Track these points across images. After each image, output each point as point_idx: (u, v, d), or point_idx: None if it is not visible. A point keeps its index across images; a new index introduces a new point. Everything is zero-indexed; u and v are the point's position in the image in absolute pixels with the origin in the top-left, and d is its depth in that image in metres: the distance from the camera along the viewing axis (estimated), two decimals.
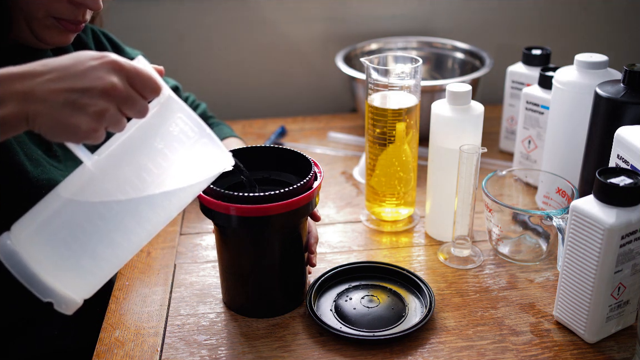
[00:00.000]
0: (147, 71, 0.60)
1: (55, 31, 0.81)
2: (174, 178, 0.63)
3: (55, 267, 0.61)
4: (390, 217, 0.99)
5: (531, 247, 0.91)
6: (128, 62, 0.59)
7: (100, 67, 0.58)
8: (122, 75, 0.59)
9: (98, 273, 0.64)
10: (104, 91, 0.57)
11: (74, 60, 0.58)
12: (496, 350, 0.74)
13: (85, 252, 0.62)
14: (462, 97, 0.87)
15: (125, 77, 0.59)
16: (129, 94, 0.59)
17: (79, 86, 0.57)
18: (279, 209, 0.72)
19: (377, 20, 1.45)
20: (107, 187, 0.62)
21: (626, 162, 0.77)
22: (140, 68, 0.60)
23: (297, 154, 0.82)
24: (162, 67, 0.64)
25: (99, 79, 0.57)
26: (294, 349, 0.75)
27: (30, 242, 0.61)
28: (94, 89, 0.57)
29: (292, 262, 0.80)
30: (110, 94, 0.58)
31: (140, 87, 0.60)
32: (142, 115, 0.61)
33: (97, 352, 0.75)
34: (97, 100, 0.57)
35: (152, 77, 0.60)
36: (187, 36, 1.41)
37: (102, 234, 0.62)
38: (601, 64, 0.94)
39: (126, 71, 0.59)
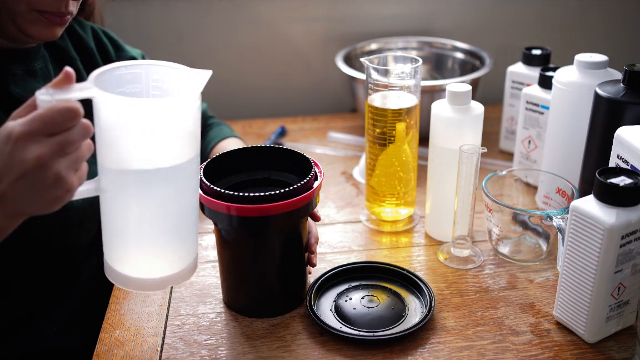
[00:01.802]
0: (51, 111, 0.55)
1: (41, 25, 0.79)
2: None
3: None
4: (390, 217, 0.99)
5: (531, 247, 0.91)
6: (30, 120, 0.55)
7: (15, 148, 0.55)
8: (36, 135, 0.55)
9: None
10: (38, 165, 0.55)
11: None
12: (496, 350, 0.74)
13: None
14: (462, 97, 0.87)
15: (40, 131, 0.55)
16: (61, 146, 0.56)
17: (19, 175, 0.55)
18: (279, 209, 0.72)
19: (377, 20, 1.45)
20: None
21: (626, 162, 0.77)
22: (42, 113, 0.55)
23: (297, 154, 0.82)
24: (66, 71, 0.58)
25: (22, 161, 0.55)
26: (294, 349, 0.75)
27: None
28: (29, 169, 0.55)
29: (292, 262, 0.80)
30: (43, 160, 0.55)
31: (60, 127, 0.56)
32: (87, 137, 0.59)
33: (97, 352, 0.75)
34: (41, 173, 0.55)
35: (60, 113, 0.55)
36: (187, 36, 1.41)
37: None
38: (601, 64, 0.94)
39: (35, 129, 0.55)
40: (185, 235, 0.69)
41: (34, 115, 0.55)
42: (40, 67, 0.86)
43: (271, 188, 0.76)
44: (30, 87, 0.84)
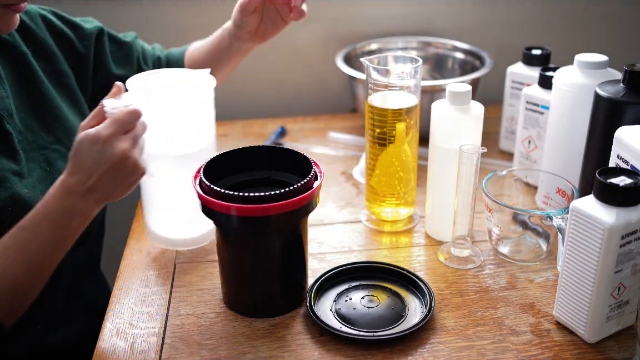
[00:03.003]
0: (123, 114, 0.72)
1: (7, 18, 0.79)
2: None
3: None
4: (390, 217, 0.99)
5: (531, 247, 0.91)
6: (110, 124, 0.71)
7: (105, 147, 0.70)
8: (118, 134, 0.71)
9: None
10: (124, 157, 0.71)
11: (87, 156, 0.71)
12: (496, 350, 0.74)
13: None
14: (462, 97, 0.87)
15: (119, 131, 0.71)
16: (134, 139, 0.73)
17: (109, 167, 0.71)
18: (279, 209, 0.72)
19: (377, 20, 1.45)
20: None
21: (626, 162, 0.77)
22: (118, 117, 0.71)
23: (297, 154, 0.82)
24: (117, 85, 0.77)
25: (114, 156, 0.70)
26: (294, 349, 0.75)
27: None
28: (118, 161, 0.71)
29: (292, 262, 0.80)
30: (127, 153, 0.71)
31: (131, 126, 0.72)
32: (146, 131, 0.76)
33: (97, 352, 0.75)
34: (126, 163, 0.71)
35: (130, 115, 0.72)
36: (186, 36, 1.41)
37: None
38: (601, 64, 0.94)
39: (116, 129, 0.71)
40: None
41: (111, 120, 0.71)
42: None
43: (271, 188, 0.76)
44: None
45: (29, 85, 0.90)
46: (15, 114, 0.86)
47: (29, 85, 0.90)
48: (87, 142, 0.70)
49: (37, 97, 0.90)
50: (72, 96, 0.96)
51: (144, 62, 1.10)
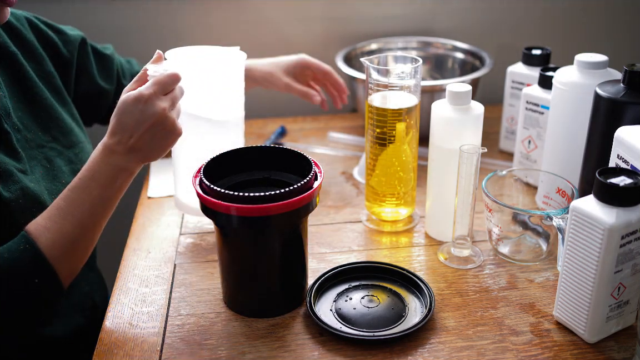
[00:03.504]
0: (164, 77, 0.77)
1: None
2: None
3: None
4: (390, 217, 0.99)
5: (531, 247, 0.91)
6: (152, 85, 0.76)
7: (147, 105, 0.75)
8: (158, 94, 0.76)
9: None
10: (164, 115, 0.76)
11: (130, 114, 0.75)
12: (496, 350, 0.74)
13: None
14: (462, 97, 0.87)
15: (160, 92, 0.76)
16: (173, 100, 0.78)
17: (150, 125, 0.76)
18: (279, 209, 0.72)
19: (377, 20, 1.45)
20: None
21: (626, 162, 0.77)
22: (160, 79, 0.77)
23: (297, 154, 0.82)
24: (158, 53, 0.82)
25: (155, 114, 0.75)
26: (294, 349, 0.75)
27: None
28: (159, 120, 0.76)
29: (292, 262, 0.80)
30: (166, 112, 0.76)
31: (171, 87, 0.78)
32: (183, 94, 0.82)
33: (97, 352, 0.75)
34: (165, 122, 0.76)
35: (170, 78, 0.77)
36: (186, 36, 1.41)
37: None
38: (601, 64, 0.94)
39: (157, 89, 0.76)
40: None
41: (153, 81, 0.76)
42: None
43: (271, 188, 0.76)
44: None
45: (22, 85, 0.90)
46: (13, 113, 0.86)
47: (22, 85, 0.90)
48: (130, 101, 0.75)
49: (31, 97, 0.91)
50: (61, 96, 0.97)
51: (123, 77, 1.12)
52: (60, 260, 0.76)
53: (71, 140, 0.94)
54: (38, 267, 0.74)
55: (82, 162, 0.93)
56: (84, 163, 0.92)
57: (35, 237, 0.75)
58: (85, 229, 0.78)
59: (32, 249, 0.74)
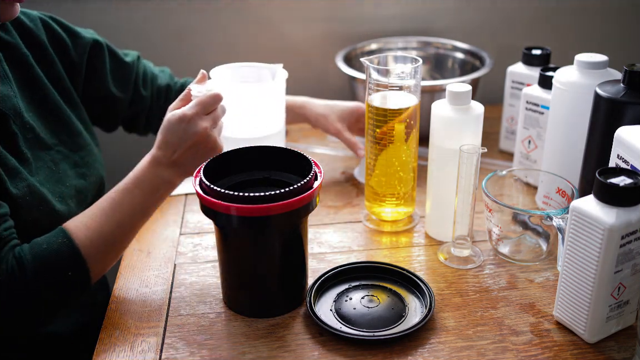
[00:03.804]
0: (207, 98, 0.82)
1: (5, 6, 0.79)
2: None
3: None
4: (390, 217, 0.99)
5: (531, 247, 0.91)
6: (195, 105, 0.81)
7: (189, 125, 0.80)
8: (201, 114, 0.81)
9: None
10: (205, 134, 0.81)
11: (174, 133, 0.81)
12: (496, 350, 0.74)
13: None
14: (462, 97, 0.87)
15: (202, 112, 0.81)
16: (214, 120, 0.83)
17: (192, 143, 0.81)
18: (279, 209, 0.72)
19: (377, 20, 1.45)
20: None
21: (626, 162, 0.77)
22: (202, 99, 0.82)
23: (297, 154, 0.82)
24: (202, 73, 0.87)
25: (197, 133, 0.81)
26: (294, 349, 0.75)
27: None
28: (201, 139, 0.81)
29: (292, 262, 0.80)
30: (208, 131, 0.81)
31: (212, 107, 0.83)
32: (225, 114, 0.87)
33: (97, 352, 0.75)
34: (207, 140, 0.82)
35: (212, 98, 0.82)
36: (186, 36, 1.41)
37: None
38: (601, 64, 0.94)
39: (199, 110, 0.81)
40: None
41: (196, 102, 0.81)
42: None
43: (271, 188, 0.76)
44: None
45: (32, 87, 0.90)
46: (25, 111, 0.87)
47: (32, 87, 0.90)
48: (174, 120, 0.81)
49: (40, 99, 0.91)
50: (71, 99, 0.96)
51: (143, 87, 1.08)
52: (94, 258, 0.79)
53: (78, 143, 0.94)
54: (73, 261, 0.78)
55: (88, 165, 0.94)
56: (90, 167, 0.94)
57: (73, 233, 0.79)
58: (122, 231, 0.82)
59: (69, 243, 0.78)
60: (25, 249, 0.77)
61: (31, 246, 0.77)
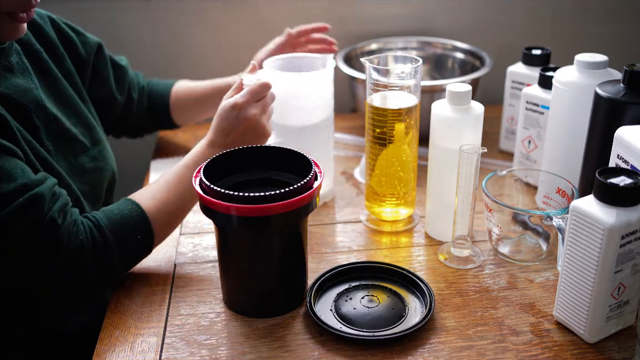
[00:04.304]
0: (257, 86, 0.87)
1: (10, 27, 0.80)
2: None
3: None
4: (390, 217, 0.99)
5: (531, 247, 0.91)
6: (246, 94, 0.87)
7: (240, 112, 0.87)
8: (251, 102, 0.87)
9: None
10: (255, 120, 0.88)
11: (227, 119, 0.87)
12: (496, 350, 0.74)
13: None
14: (462, 97, 0.87)
15: (252, 100, 0.87)
16: (264, 107, 0.89)
17: (244, 129, 0.88)
18: (279, 209, 0.72)
19: (377, 20, 1.45)
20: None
21: (626, 162, 0.77)
22: (252, 88, 0.87)
23: (297, 154, 0.82)
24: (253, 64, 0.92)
25: (247, 119, 0.87)
26: (294, 349, 0.75)
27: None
28: (251, 125, 0.88)
29: (292, 262, 0.80)
30: (257, 117, 0.88)
31: (262, 95, 0.89)
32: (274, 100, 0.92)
33: (97, 352, 0.75)
34: (257, 126, 0.88)
35: (261, 87, 0.87)
36: (186, 36, 1.41)
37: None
38: (601, 64, 0.94)
39: (250, 98, 0.87)
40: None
41: (246, 90, 0.87)
42: (16, 62, 0.86)
43: (271, 188, 0.76)
44: (11, 83, 0.83)
45: (48, 80, 0.92)
46: (47, 101, 0.88)
47: (49, 81, 0.92)
48: (227, 108, 0.87)
49: (58, 92, 0.93)
50: (81, 94, 0.99)
51: (132, 90, 1.14)
52: (159, 224, 0.86)
53: (95, 137, 0.97)
54: (143, 225, 0.84)
55: (104, 159, 0.98)
56: (106, 161, 0.99)
57: (140, 201, 0.86)
58: (183, 202, 0.88)
59: (138, 209, 0.85)
60: (99, 215, 0.83)
61: (105, 213, 0.83)
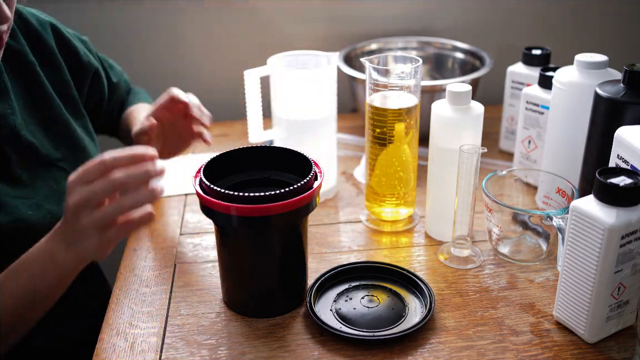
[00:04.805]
0: (89, 163, 0.65)
1: None
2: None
3: None
4: (390, 217, 0.99)
5: (531, 247, 0.91)
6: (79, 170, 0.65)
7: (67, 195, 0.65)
8: (78, 184, 0.65)
9: None
10: (70, 211, 0.65)
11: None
12: (496, 350, 0.74)
13: None
14: (462, 97, 0.87)
15: (80, 180, 0.65)
16: (93, 194, 0.65)
17: (65, 221, 0.67)
18: (279, 209, 0.72)
19: (377, 20, 1.45)
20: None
21: (626, 162, 0.77)
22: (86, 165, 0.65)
23: (297, 154, 0.82)
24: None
25: (66, 207, 0.66)
26: (294, 349, 0.75)
27: None
28: (67, 217, 0.66)
29: (292, 262, 0.80)
30: (74, 208, 0.65)
31: (96, 173, 0.65)
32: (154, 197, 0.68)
33: (97, 352, 0.75)
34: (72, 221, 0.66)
35: (98, 164, 0.65)
36: (186, 36, 1.41)
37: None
38: (601, 64, 0.94)
39: (78, 176, 0.65)
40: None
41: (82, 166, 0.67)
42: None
43: (271, 188, 0.76)
44: None
45: (36, 98, 0.88)
46: (24, 128, 0.84)
47: (37, 98, 0.88)
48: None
49: (44, 110, 0.89)
50: (76, 108, 0.95)
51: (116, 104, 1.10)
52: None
53: (83, 158, 0.92)
54: None
55: None
56: None
57: None
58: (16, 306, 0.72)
59: None
60: None
61: None
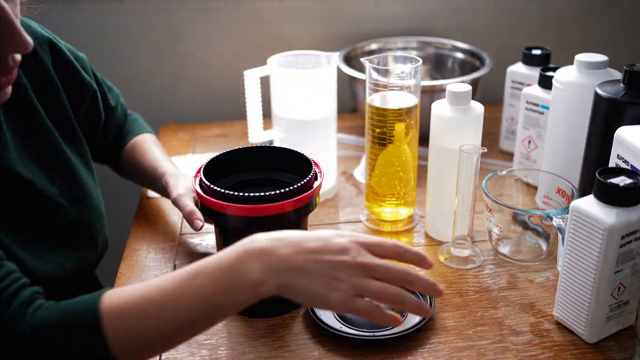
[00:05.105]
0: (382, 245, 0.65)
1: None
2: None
3: None
4: (390, 217, 0.99)
5: (531, 247, 0.91)
6: (370, 240, 0.64)
7: (349, 245, 0.63)
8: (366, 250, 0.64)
9: None
10: (358, 266, 0.62)
11: (314, 235, 0.63)
12: (496, 350, 0.74)
13: None
14: (462, 97, 0.87)
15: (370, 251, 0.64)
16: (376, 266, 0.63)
17: (336, 260, 0.61)
18: (279, 209, 0.72)
19: (377, 20, 1.45)
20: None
21: (626, 162, 0.77)
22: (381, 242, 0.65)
23: (297, 154, 0.82)
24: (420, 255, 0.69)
25: (349, 255, 0.62)
26: (294, 349, 0.75)
27: None
28: (348, 264, 0.61)
29: None
30: (365, 269, 0.62)
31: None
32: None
33: None
34: (352, 276, 0.61)
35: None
36: (186, 36, 1.41)
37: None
38: (601, 64, 0.94)
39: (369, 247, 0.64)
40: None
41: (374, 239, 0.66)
42: None
43: (271, 188, 0.76)
44: None
45: (30, 128, 0.81)
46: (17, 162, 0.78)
47: (31, 128, 0.81)
48: (330, 232, 0.66)
49: (39, 138, 0.82)
50: (72, 134, 0.88)
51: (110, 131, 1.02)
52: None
53: (80, 192, 0.85)
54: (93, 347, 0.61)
55: (83, 218, 0.84)
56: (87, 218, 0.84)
57: (105, 321, 0.60)
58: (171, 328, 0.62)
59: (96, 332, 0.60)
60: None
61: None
